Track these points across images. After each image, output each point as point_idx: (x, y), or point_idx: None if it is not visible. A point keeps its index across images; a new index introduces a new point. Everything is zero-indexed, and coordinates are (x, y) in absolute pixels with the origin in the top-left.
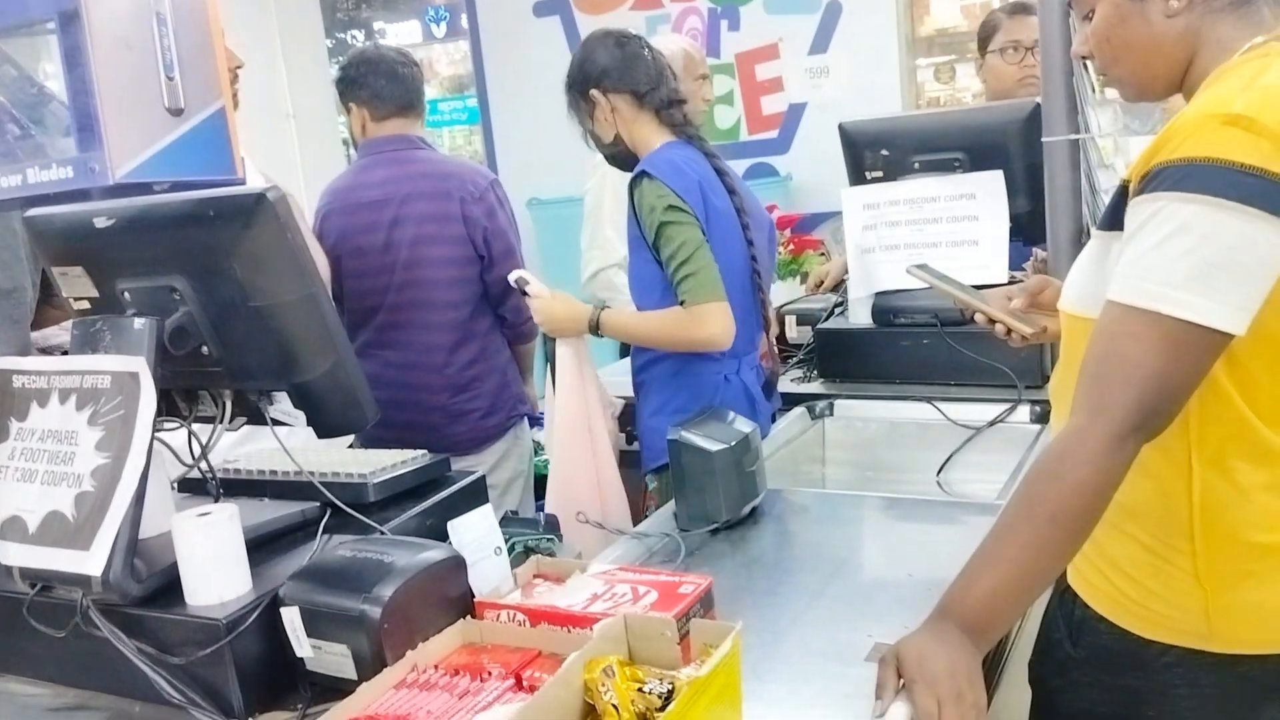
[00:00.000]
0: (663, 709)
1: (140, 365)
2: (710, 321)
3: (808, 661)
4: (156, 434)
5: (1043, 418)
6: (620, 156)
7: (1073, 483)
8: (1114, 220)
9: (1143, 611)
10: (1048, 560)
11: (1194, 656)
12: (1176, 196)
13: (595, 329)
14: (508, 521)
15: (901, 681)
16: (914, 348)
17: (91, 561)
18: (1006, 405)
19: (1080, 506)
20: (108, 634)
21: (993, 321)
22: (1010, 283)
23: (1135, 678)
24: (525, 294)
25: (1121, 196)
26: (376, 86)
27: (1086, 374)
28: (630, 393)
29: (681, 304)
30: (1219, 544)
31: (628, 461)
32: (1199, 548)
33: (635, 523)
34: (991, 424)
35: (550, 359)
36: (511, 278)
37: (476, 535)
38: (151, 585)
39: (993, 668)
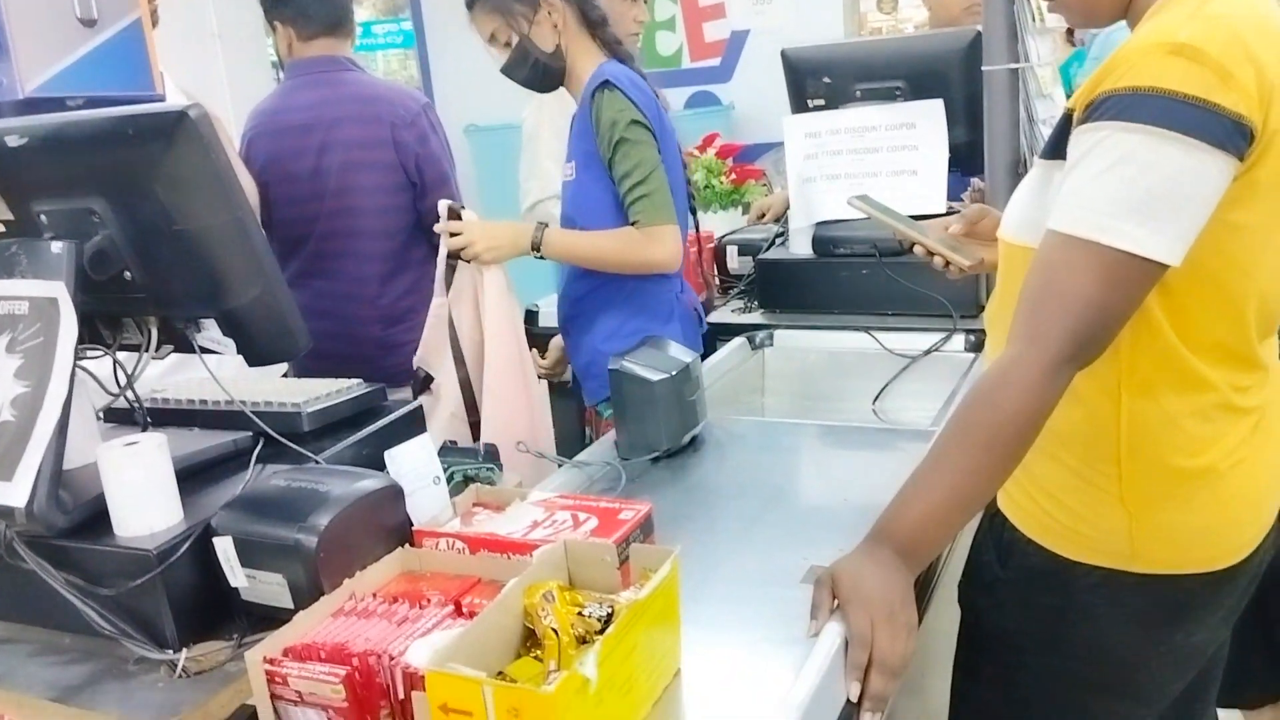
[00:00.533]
0: (602, 632)
1: (59, 291)
2: (664, 243)
3: (745, 585)
4: (79, 362)
5: (977, 346)
6: (546, 72)
7: (1008, 410)
8: (1056, 149)
9: (1069, 534)
10: (980, 485)
11: (1117, 577)
12: (1120, 126)
13: (537, 249)
14: (446, 451)
15: (836, 602)
16: (853, 278)
17: (14, 492)
18: (942, 334)
19: (1014, 433)
20: (34, 566)
21: (931, 254)
22: (949, 213)
23: (1060, 597)
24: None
25: (1065, 125)
26: (303, 4)
27: (1024, 303)
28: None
29: (634, 224)
30: (1144, 469)
31: (566, 393)
32: (1125, 472)
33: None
34: (927, 353)
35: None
36: (441, 206)
37: (414, 465)
38: (78, 516)
39: (924, 589)
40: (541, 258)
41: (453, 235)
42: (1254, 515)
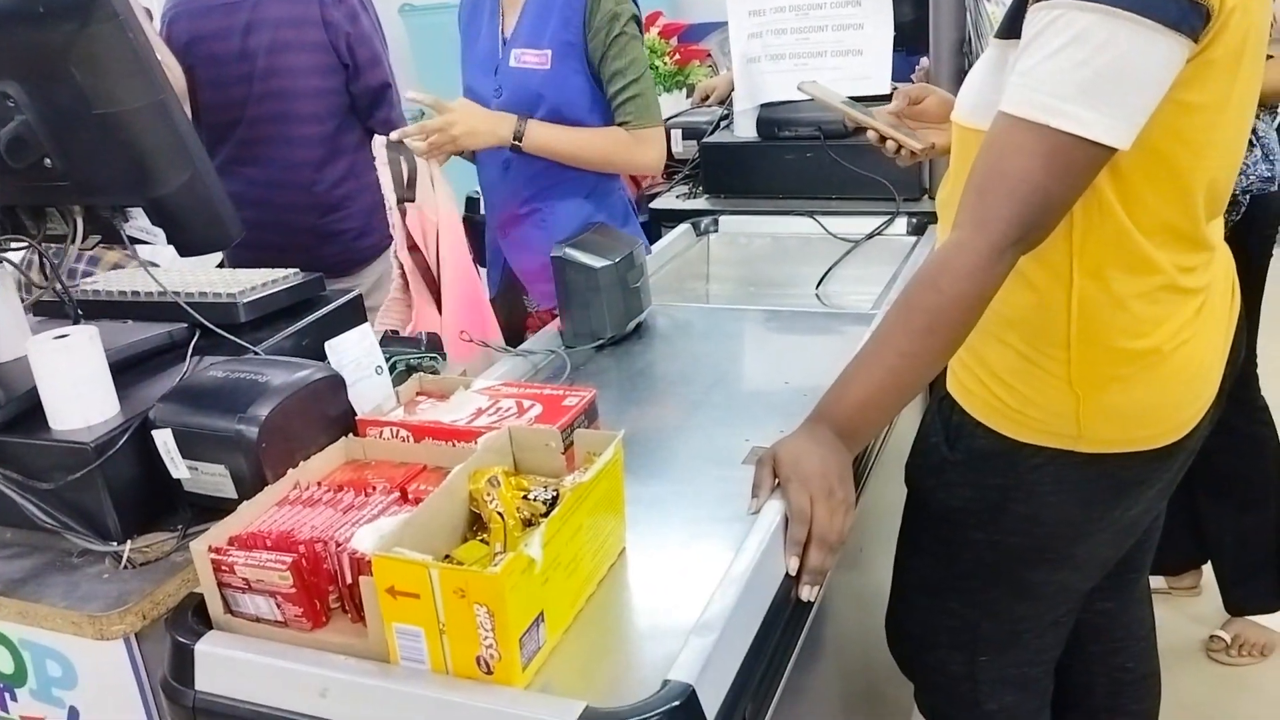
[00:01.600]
0: (547, 515)
1: None
2: (653, 146)
3: (688, 465)
4: (3, 254)
5: (919, 230)
6: None
7: (951, 295)
8: (1012, 28)
9: (1017, 416)
10: (921, 369)
11: (1063, 456)
12: (1073, 5)
13: (518, 140)
14: (389, 341)
15: (776, 481)
16: (798, 161)
17: None
18: (885, 218)
19: (956, 318)
20: None
21: (884, 139)
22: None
23: (1006, 477)
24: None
25: (1020, 2)
26: None
27: (972, 186)
28: None
29: (623, 124)
30: (1092, 350)
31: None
32: (1073, 354)
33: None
34: (870, 237)
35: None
36: (408, 96)
37: (355, 355)
38: (11, 411)
39: (861, 469)
40: (517, 150)
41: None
42: (1195, 394)
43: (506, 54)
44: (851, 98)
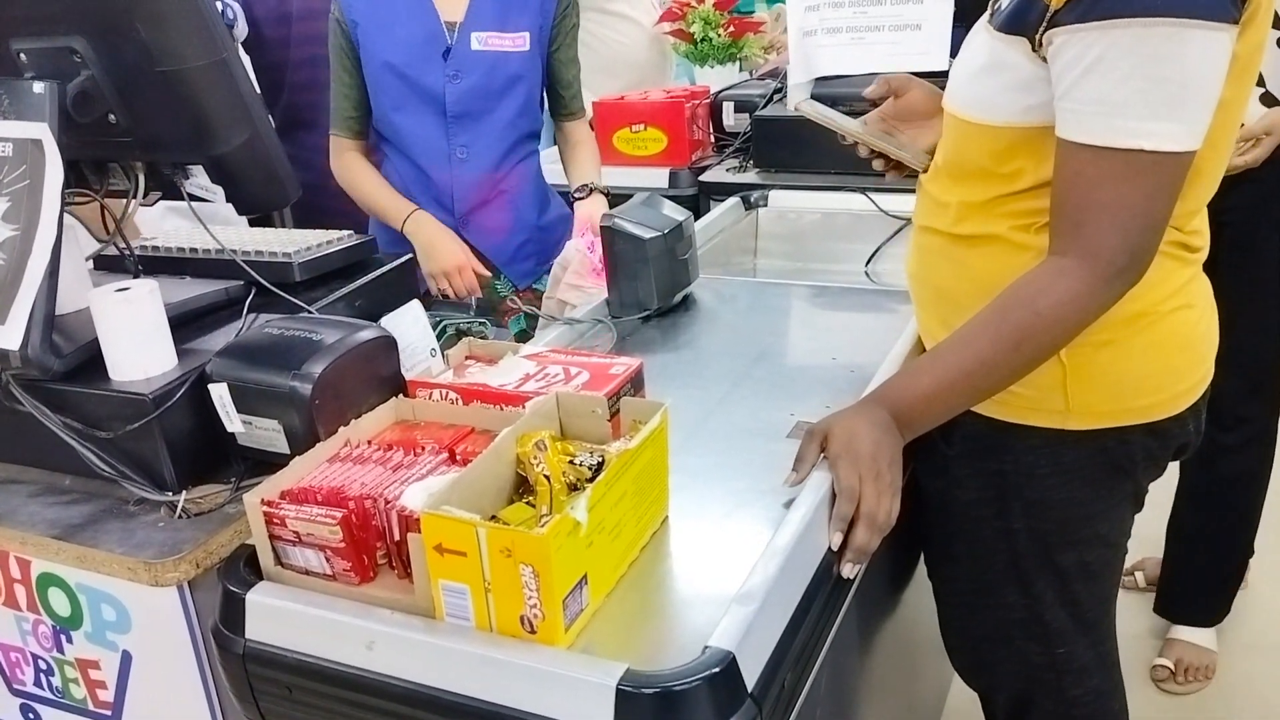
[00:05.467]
0: (593, 480)
1: (44, 132)
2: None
3: (732, 438)
4: (67, 207)
5: None
6: None
7: (1049, 319)
8: (1018, 24)
9: (1005, 396)
10: (997, 379)
11: (1056, 436)
12: (1136, 21)
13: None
14: (439, 305)
15: (822, 455)
16: None
17: (8, 336)
18: None
19: (1047, 341)
20: (31, 408)
21: (876, 155)
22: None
23: (1004, 463)
24: None
25: (1029, 3)
26: None
27: (1068, 219)
28: None
29: (570, 115)
30: None
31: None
32: None
33: None
34: None
35: None
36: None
37: (409, 337)
38: (73, 361)
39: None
40: None
41: None
42: (1191, 363)
43: (463, 38)
44: (912, 74)
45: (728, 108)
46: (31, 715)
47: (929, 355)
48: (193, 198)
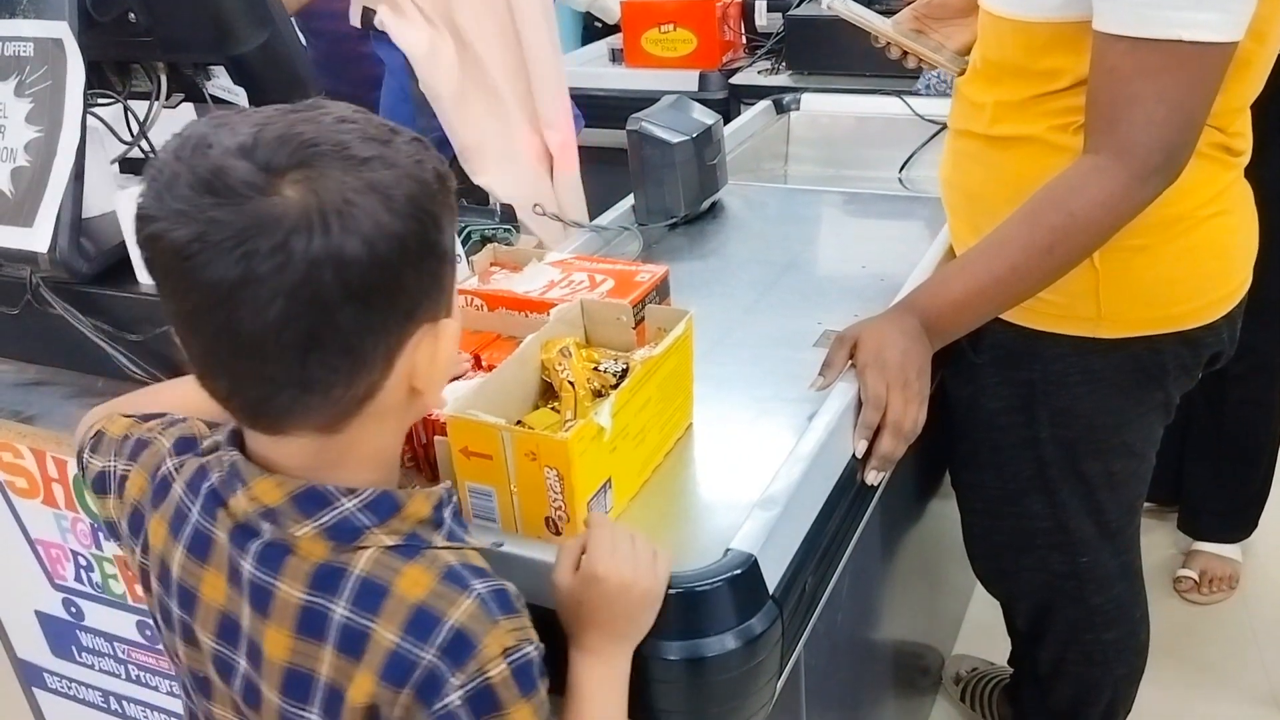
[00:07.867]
0: (617, 386)
1: (64, 31)
2: None
3: (759, 346)
4: (91, 109)
5: None
6: None
7: (1083, 220)
8: None
9: (1036, 303)
10: (1030, 284)
11: (1086, 345)
12: None
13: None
14: (464, 211)
15: (850, 362)
16: None
17: (36, 238)
18: None
19: (1082, 243)
20: (61, 311)
21: (905, 54)
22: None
23: (1033, 371)
24: None
25: None
26: None
27: (1102, 116)
28: None
29: None
30: None
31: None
32: None
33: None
34: None
35: None
36: None
37: None
38: (101, 264)
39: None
40: None
41: None
42: (1226, 271)
43: None
44: None
45: (760, 7)
46: (74, 609)
47: (959, 261)
48: (215, 100)
